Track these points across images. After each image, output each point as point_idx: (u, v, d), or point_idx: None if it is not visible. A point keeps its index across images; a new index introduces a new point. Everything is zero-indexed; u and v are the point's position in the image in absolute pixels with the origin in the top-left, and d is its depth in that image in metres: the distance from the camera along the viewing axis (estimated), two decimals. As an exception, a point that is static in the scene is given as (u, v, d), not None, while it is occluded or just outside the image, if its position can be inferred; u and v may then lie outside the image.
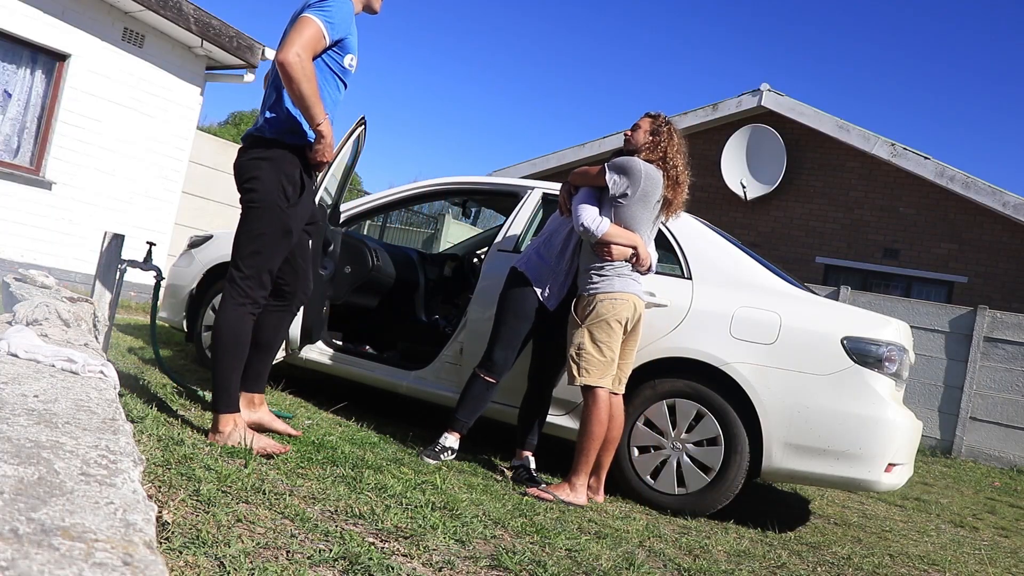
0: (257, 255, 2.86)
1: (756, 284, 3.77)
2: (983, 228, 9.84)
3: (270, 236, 2.86)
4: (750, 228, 10.98)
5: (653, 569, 2.54)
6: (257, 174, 2.84)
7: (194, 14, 7.81)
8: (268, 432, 3.15)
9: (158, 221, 8.40)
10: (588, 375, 3.36)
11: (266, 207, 2.83)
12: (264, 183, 2.83)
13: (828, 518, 4.27)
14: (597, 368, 3.36)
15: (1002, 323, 8.25)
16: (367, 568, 1.91)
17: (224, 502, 2.16)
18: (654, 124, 3.56)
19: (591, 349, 3.37)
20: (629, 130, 3.60)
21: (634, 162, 3.43)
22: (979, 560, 3.84)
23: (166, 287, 4.94)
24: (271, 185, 2.82)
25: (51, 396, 1.58)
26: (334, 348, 4.39)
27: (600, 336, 3.38)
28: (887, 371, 3.52)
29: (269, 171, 2.83)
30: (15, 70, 7.25)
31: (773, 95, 10.85)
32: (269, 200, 2.83)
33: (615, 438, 3.47)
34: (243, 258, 2.87)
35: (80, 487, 1.06)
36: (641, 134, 3.55)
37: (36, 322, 2.51)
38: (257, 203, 2.84)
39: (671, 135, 3.54)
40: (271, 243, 2.87)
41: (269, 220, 2.84)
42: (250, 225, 2.86)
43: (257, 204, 2.84)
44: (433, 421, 4.77)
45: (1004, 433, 8.23)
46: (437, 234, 13.66)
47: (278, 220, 2.85)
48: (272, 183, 2.82)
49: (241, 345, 2.91)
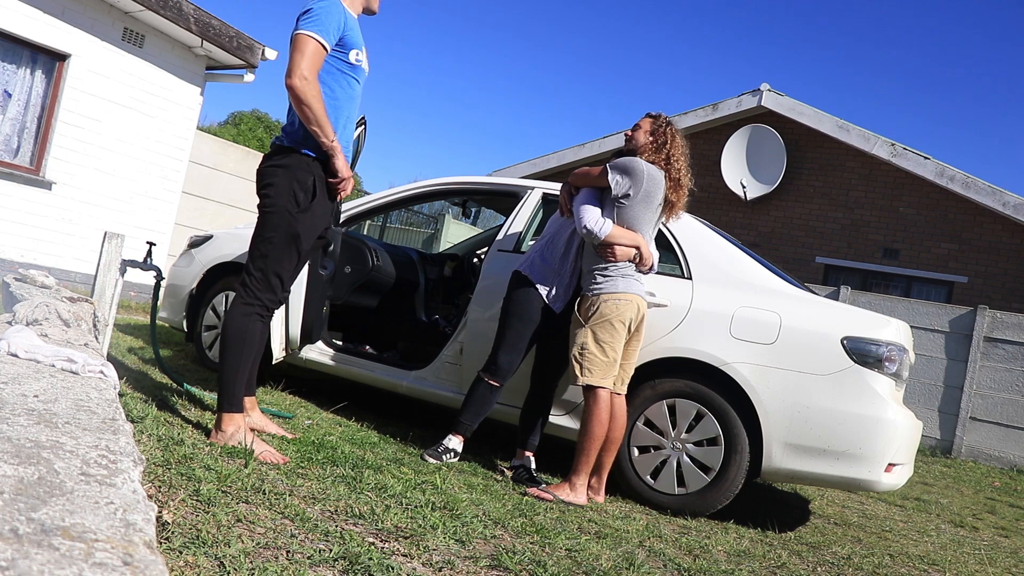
0: (265, 258, 2.94)
1: (756, 284, 3.77)
2: (983, 228, 9.84)
3: (278, 240, 2.93)
4: (750, 228, 10.98)
5: (653, 569, 2.54)
6: (272, 180, 2.94)
7: (194, 14, 7.81)
8: (262, 434, 3.17)
9: (158, 221, 8.40)
10: (590, 375, 3.36)
11: (277, 212, 2.92)
12: (277, 189, 2.92)
13: (828, 518, 4.27)
14: (599, 368, 3.36)
15: (1002, 323, 8.25)
16: (367, 568, 1.91)
17: (224, 502, 2.16)
18: (655, 124, 3.56)
19: (594, 349, 3.37)
20: (630, 130, 3.59)
21: (637, 163, 3.43)
22: (979, 560, 3.84)
23: (166, 287, 4.95)
24: (283, 191, 2.92)
25: (51, 396, 1.58)
26: (334, 348, 4.39)
27: (603, 336, 3.38)
28: (887, 371, 3.52)
29: (283, 177, 2.92)
30: (15, 70, 7.25)
31: (773, 95, 10.85)
32: (280, 205, 2.92)
33: (617, 439, 3.47)
34: (254, 261, 2.96)
35: (80, 487, 1.06)
36: (642, 134, 3.54)
37: (36, 322, 2.51)
38: (269, 208, 2.93)
39: (673, 135, 3.53)
40: (279, 247, 2.94)
41: (277, 224, 2.92)
42: (263, 229, 2.96)
43: (269, 209, 2.93)
44: (433, 421, 4.77)
45: (1004, 433, 8.23)
46: (437, 234, 13.66)
47: (286, 224, 2.92)
48: (284, 189, 2.91)
49: (248, 346, 2.96)
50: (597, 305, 3.41)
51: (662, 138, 3.51)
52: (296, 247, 2.96)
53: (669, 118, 3.59)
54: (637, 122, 3.60)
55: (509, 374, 3.59)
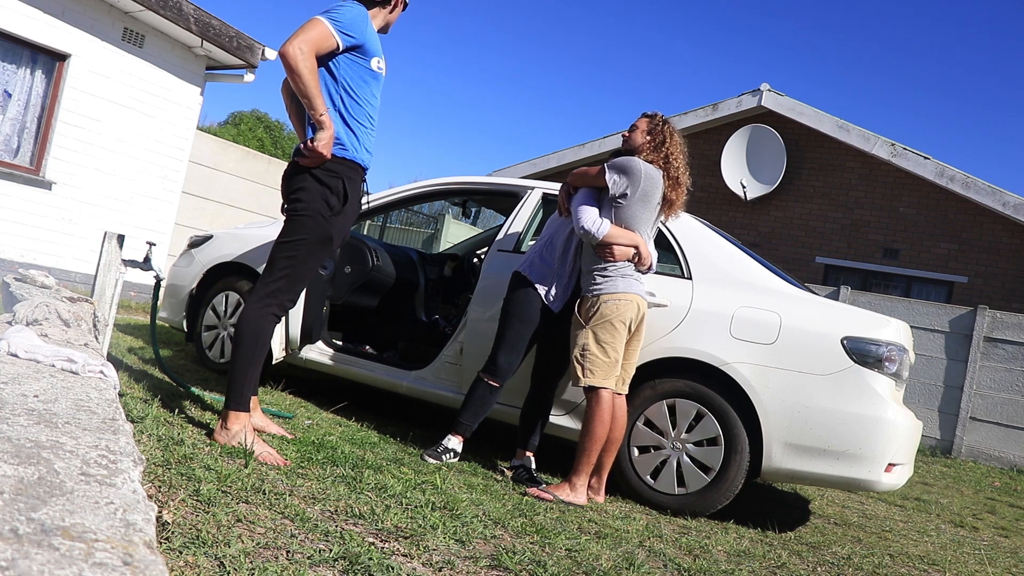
0: (293, 259, 2.95)
1: (756, 284, 3.77)
2: (983, 228, 9.84)
3: (309, 243, 2.95)
4: (750, 228, 10.98)
5: (653, 569, 2.54)
6: (303, 185, 2.95)
7: (194, 14, 7.81)
8: (263, 435, 3.17)
9: (158, 221, 8.40)
10: (592, 376, 3.36)
11: (310, 215, 2.93)
12: (309, 193, 2.93)
13: (828, 518, 4.27)
14: (601, 369, 3.36)
15: (1002, 323, 8.25)
16: (367, 568, 1.91)
17: (224, 502, 2.16)
18: (651, 124, 3.56)
19: (595, 350, 3.37)
20: (627, 131, 3.60)
21: (634, 162, 3.43)
22: (979, 560, 3.84)
23: (166, 287, 4.95)
24: (315, 195, 2.93)
25: (51, 396, 1.58)
26: (334, 348, 4.39)
27: (604, 337, 3.38)
28: (887, 371, 3.52)
29: (314, 182, 2.94)
30: (15, 70, 7.25)
31: (773, 95, 10.85)
32: (313, 208, 2.93)
33: (617, 439, 3.47)
34: (279, 262, 2.96)
35: (80, 487, 1.06)
36: (639, 134, 3.55)
37: (36, 322, 2.51)
38: (301, 212, 2.94)
39: (671, 134, 3.54)
40: (310, 250, 2.96)
41: (311, 228, 2.94)
42: (293, 232, 2.96)
43: (301, 213, 2.94)
44: (433, 421, 4.77)
45: (1004, 433, 8.23)
46: (437, 234, 13.66)
47: (320, 228, 2.95)
48: (316, 193, 2.93)
49: (261, 345, 2.97)
50: (597, 306, 3.41)
51: (659, 137, 3.51)
52: (327, 250, 3.00)
53: (666, 117, 3.60)
54: (634, 123, 3.60)
55: (509, 374, 3.59)
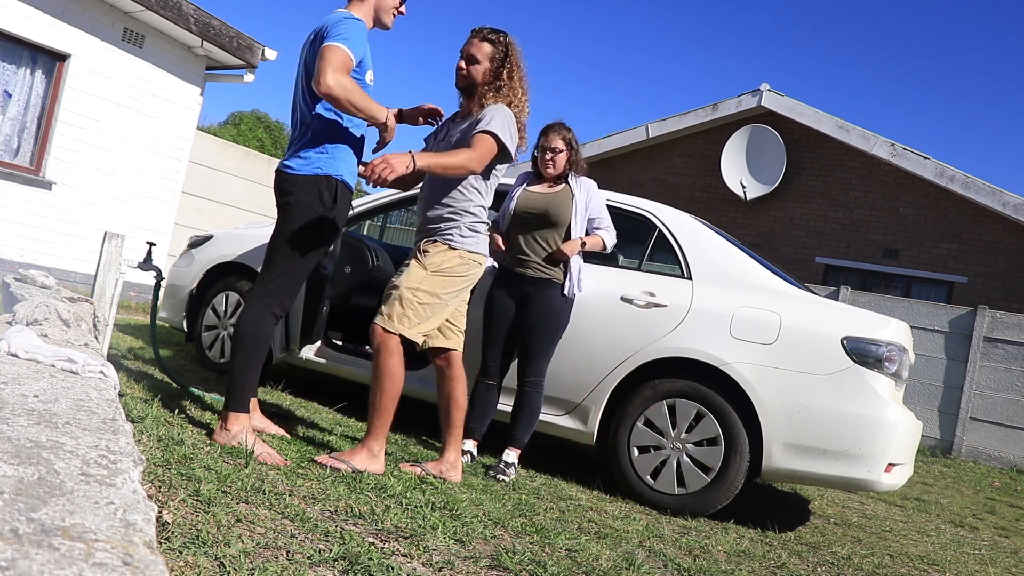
0: (291, 256, 2.96)
1: (756, 284, 3.77)
2: (983, 228, 9.84)
3: (304, 240, 2.95)
4: (750, 228, 10.97)
5: (653, 569, 2.54)
6: (296, 185, 2.95)
7: (194, 14, 7.81)
8: (263, 435, 3.17)
9: (158, 221, 8.39)
10: (402, 324, 3.03)
11: (303, 212, 2.94)
12: (302, 189, 2.94)
13: (828, 518, 4.27)
14: (414, 320, 3.05)
15: (1002, 323, 8.25)
16: (367, 568, 1.91)
17: (224, 502, 2.16)
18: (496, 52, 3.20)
19: (426, 299, 3.05)
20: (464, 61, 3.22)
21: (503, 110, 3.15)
22: (979, 560, 3.84)
23: (166, 287, 4.95)
24: (308, 192, 2.93)
25: (51, 396, 1.58)
26: (334, 348, 4.39)
27: (443, 294, 3.09)
28: (887, 371, 3.52)
29: (305, 182, 2.94)
30: (15, 70, 7.25)
31: (773, 95, 10.84)
32: (306, 203, 2.93)
33: (464, 401, 3.28)
34: (277, 260, 2.97)
35: (80, 487, 1.06)
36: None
37: (36, 322, 2.51)
38: (294, 206, 2.94)
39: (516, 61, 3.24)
40: (305, 247, 2.96)
41: (305, 225, 2.94)
42: (288, 229, 2.96)
43: (295, 210, 2.94)
44: (433, 421, 4.76)
45: (1004, 433, 8.23)
46: (437, 234, 13.62)
47: (313, 224, 2.95)
48: (309, 190, 2.93)
49: (261, 347, 2.98)
50: (458, 261, 3.12)
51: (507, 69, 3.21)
52: (324, 243, 3.00)
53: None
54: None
55: (496, 370, 3.69)
